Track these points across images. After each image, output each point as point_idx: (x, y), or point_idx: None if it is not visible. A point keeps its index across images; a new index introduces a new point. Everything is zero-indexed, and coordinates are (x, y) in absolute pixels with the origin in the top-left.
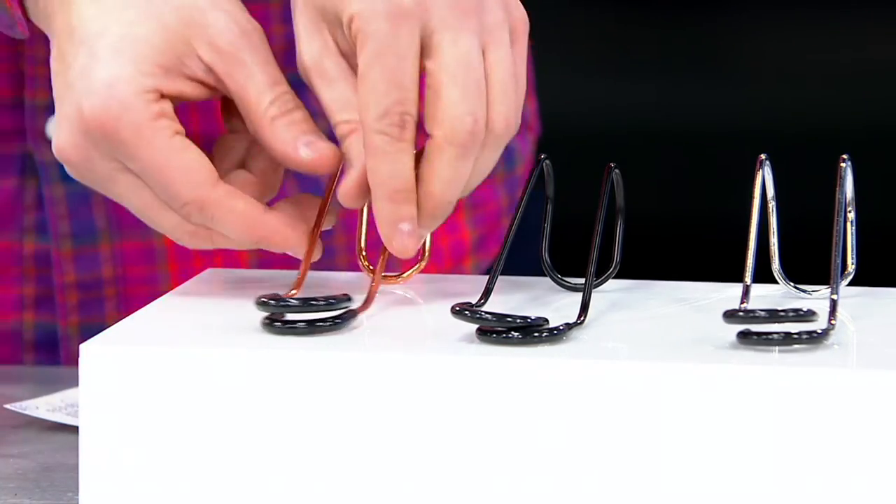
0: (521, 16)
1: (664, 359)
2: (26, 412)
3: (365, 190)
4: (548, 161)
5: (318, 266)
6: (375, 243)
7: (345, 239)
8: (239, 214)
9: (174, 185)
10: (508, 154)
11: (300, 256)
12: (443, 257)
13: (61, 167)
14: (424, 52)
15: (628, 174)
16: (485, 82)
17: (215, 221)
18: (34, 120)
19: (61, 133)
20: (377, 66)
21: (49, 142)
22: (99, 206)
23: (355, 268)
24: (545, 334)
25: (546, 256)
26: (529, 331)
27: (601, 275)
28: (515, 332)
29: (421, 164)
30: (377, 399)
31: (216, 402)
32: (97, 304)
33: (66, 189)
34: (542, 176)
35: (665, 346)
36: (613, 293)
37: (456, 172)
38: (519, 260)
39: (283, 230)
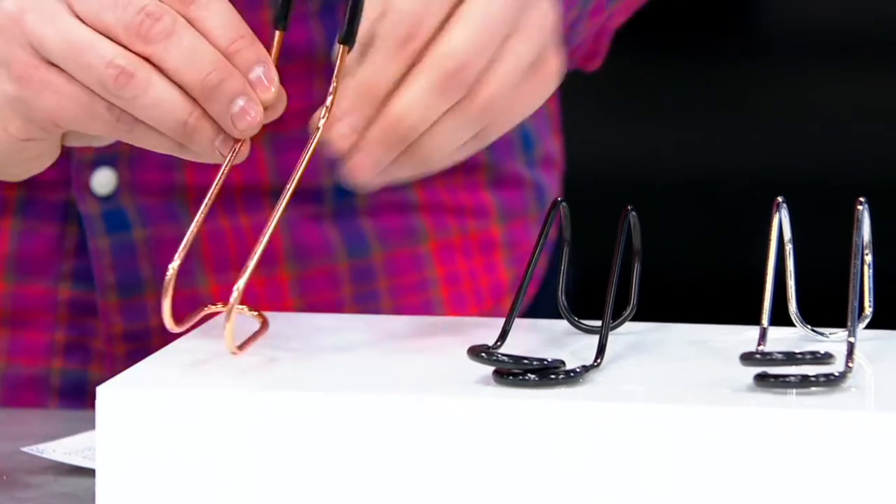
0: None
1: (681, 401)
2: (43, 455)
3: None
4: (564, 204)
5: None
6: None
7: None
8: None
9: None
10: (539, 192)
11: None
12: (482, 298)
13: (105, 219)
14: None
15: (650, 215)
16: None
17: (210, 7)
18: (80, 172)
19: None
20: None
21: (93, 195)
22: (144, 257)
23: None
24: (562, 376)
25: (563, 298)
26: (546, 373)
27: (618, 317)
28: (532, 374)
29: None
30: (393, 441)
31: (233, 445)
32: (145, 355)
33: (111, 241)
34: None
35: (682, 388)
36: (630, 336)
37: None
38: (546, 301)
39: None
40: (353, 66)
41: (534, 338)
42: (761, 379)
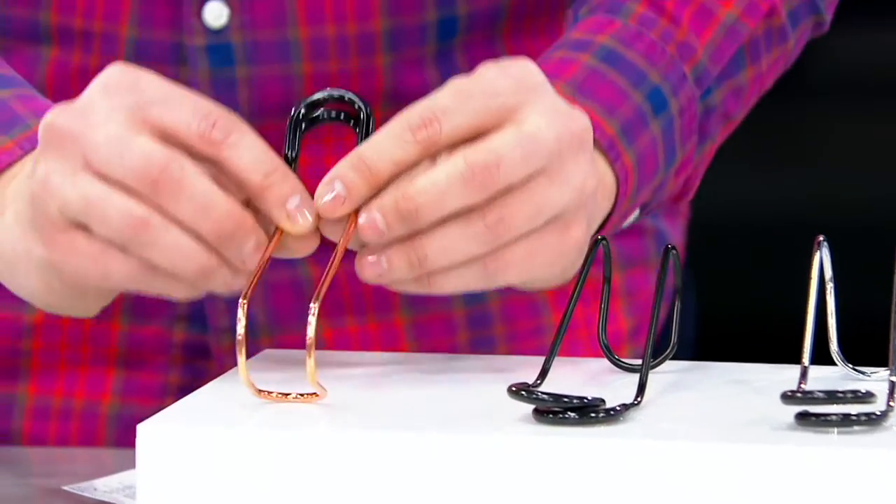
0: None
1: (721, 439)
2: (83, 494)
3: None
4: (675, 251)
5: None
6: None
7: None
8: (272, 154)
9: (207, 103)
10: (661, 241)
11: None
12: (599, 345)
13: None
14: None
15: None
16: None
17: (237, 148)
18: None
19: None
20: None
21: None
22: (258, 300)
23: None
24: (602, 415)
25: (604, 337)
26: (586, 411)
27: (658, 356)
28: (572, 412)
29: None
30: (432, 479)
31: (274, 484)
32: None
33: None
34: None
35: (722, 426)
36: (670, 374)
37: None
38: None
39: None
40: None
41: (574, 376)
42: (802, 417)
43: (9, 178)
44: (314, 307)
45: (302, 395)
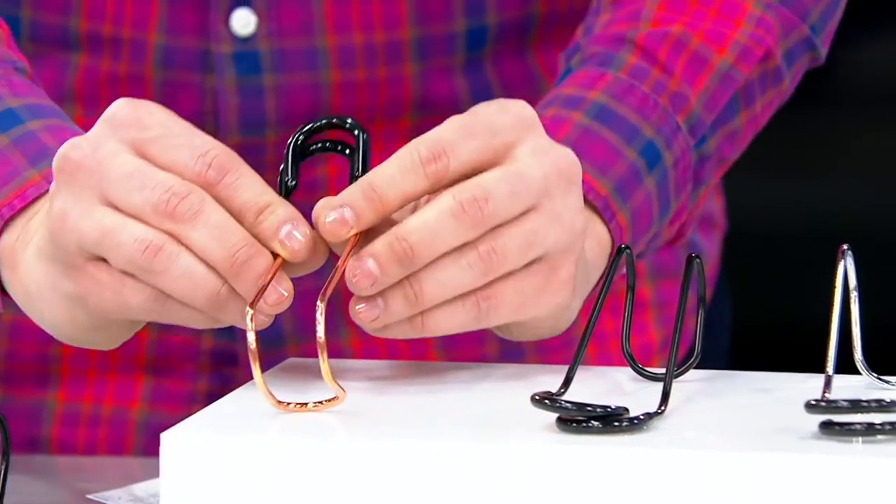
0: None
1: (746, 448)
2: (108, 503)
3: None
4: (698, 260)
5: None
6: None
7: None
8: (264, 190)
9: (203, 140)
10: (692, 252)
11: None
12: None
13: None
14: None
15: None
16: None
17: (231, 189)
18: None
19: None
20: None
21: None
22: (285, 310)
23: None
24: (625, 424)
25: (627, 346)
26: (609, 420)
27: (682, 365)
28: (595, 421)
29: None
30: (456, 488)
31: (298, 492)
32: None
33: None
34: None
35: (746, 435)
36: (694, 383)
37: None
38: (705, 355)
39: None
40: None
41: (597, 385)
42: (826, 426)
43: (33, 212)
44: (321, 306)
45: (320, 402)
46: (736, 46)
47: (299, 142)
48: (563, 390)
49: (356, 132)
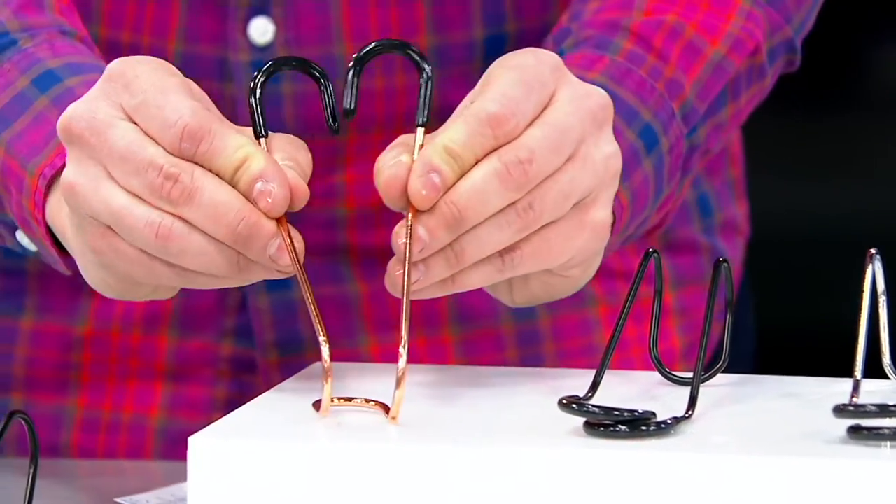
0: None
1: (773, 453)
2: None
3: None
4: (726, 264)
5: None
6: None
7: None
8: (235, 148)
9: (173, 106)
10: (714, 257)
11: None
12: (652, 364)
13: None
14: None
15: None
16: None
17: (206, 157)
18: None
19: None
20: None
21: None
22: (304, 316)
23: None
24: (653, 428)
25: (654, 350)
26: (637, 424)
27: (710, 369)
28: (623, 425)
29: None
30: (482, 492)
31: (325, 498)
32: None
33: (271, 299)
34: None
35: (774, 440)
36: (722, 387)
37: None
38: (729, 359)
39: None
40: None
41: (625, 389)
42: (854, 431)
43: None
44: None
45: (371, 401)
46: (728, 38)
47: (358, 68)
48: (590, 394)
49: (422, 68)
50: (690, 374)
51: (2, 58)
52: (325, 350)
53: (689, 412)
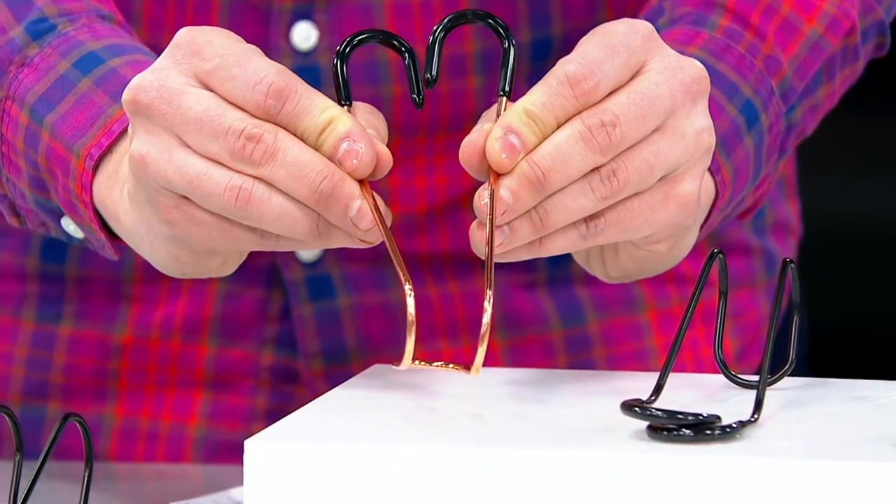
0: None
1: (841, 457)
2: None
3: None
4: (793, 265)
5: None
6: None
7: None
8: (322, 109)
9: (256, 66)
10: (768, 260)
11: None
12: (704, 368)
13: (310, 285)
14: None
15: (812, 270)
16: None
17: (291, 117)
18: None
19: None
20: None
21: (298, 261)
22: (349, 324)
23: None
24: (717, 432)
25: (720, 352)
26: (701, 428)
27: (774, 372)
28: (687, 429)
29: None
30: (544, 496)
31: (383, 500)
32: None
33: (315, 307)
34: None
35: (842, 444)
36: (789, 391)
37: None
38: (782, 362)
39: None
40: None
41: (689, 392)
42: None
43: (121, 153)
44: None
45: (451, 365)
46: (825, 17)
47: (442, 36)
48: (653, 398)
49: (502, 33)
50: (756, 377)
51: (42, 42)
52: (410, 302)
53: (755, 416)
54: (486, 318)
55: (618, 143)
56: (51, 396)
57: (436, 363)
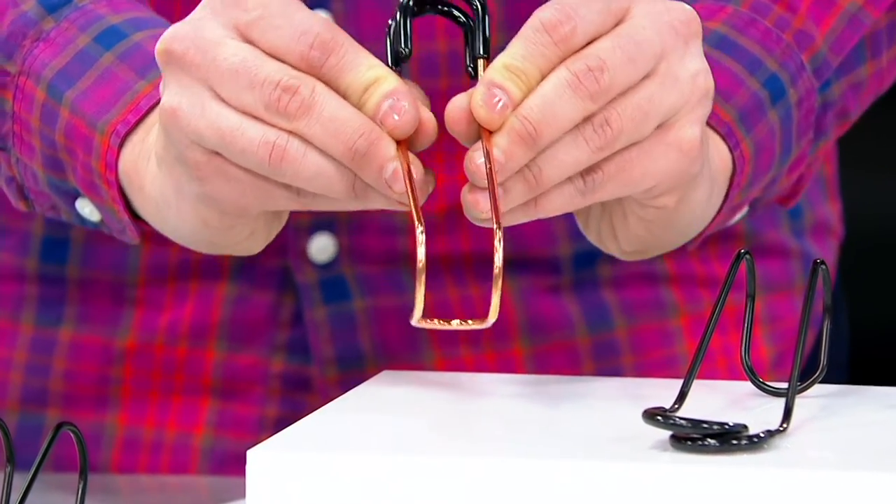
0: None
1: (874, 469)
2: None
3: None
4: (824, 266)
5: None
6: None
7: None
8: (368, 66)
9: (302, 17)
10: (808, 263)
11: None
12: (738, 376)
13: (323, 288)
14: None
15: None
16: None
17: (335, 70)
18: (296, 239)
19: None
20: None
21: (311, 262)
22: (364, 328)
23: None
24: (744, 442)
25: (747, 358)
26: (727, 438)
27: (807, 378)
28: (712, 438)
29: None
30: None
31: None
32: None
33: (329, 311)
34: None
35: (875, 455)
36: (819, 399)
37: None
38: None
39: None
40: None
41: (714, 400)
42: None
43: (149, 125)
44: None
45: (465, 321)
46: None
47: (411, 2)
48: (677, 406)
49: (474, 4)
50: (785, 385)
51: (59, 16)
52: (421, 249)
53: (784, 425)
54: (498, 260)
55: (607, 88)
56: (50, 404)
57: (454, 321)
